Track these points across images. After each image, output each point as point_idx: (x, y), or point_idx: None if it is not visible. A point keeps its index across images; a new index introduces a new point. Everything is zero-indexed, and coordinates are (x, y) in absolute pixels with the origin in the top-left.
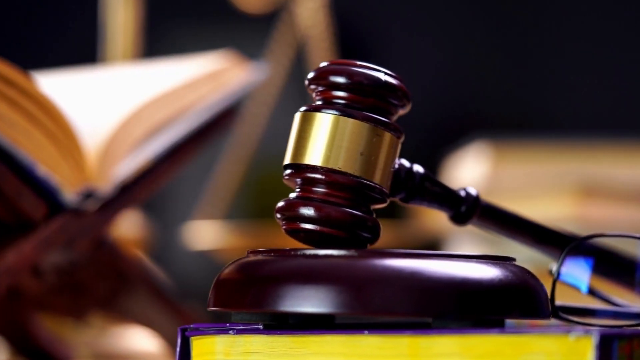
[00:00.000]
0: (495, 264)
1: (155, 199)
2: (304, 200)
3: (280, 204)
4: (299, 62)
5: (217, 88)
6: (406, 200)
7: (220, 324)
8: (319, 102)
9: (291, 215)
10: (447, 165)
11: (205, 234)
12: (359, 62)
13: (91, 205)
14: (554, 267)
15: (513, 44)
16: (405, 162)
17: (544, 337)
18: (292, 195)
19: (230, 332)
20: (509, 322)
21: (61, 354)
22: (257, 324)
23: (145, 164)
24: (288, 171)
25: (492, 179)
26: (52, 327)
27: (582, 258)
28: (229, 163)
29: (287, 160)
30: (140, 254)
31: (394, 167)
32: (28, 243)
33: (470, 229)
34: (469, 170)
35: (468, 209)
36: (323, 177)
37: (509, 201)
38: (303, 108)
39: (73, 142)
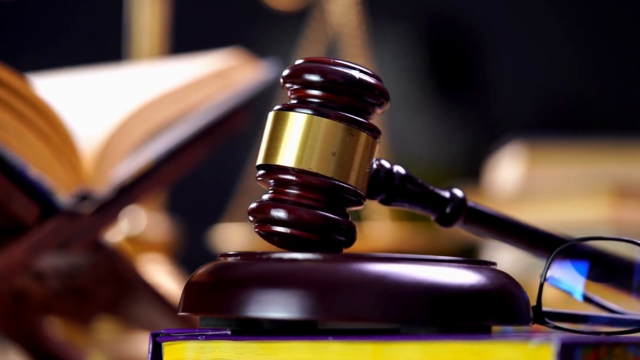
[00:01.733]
0: (471, 269)
1: (182, 202)
2: (275, 202)
3: (252, 205)
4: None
5: (224, 87)
6: (387, 201)
7: (190, 330)
8: (293, 101)
9: (263, 217)
10: (488, 166)
11: (233, 237)
12: (333, 60)
13: (87, 208)
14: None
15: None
16: (385, 163)
17: (505, 345)
18: (265, 196)
19: (200, 337)
20: (495, 328)
21: (73, 358)
22: (226, 330)
23: (146, 165)
24: (260, 172)
25: (527, 181)
26: (63, 332)
27: (576, 262)
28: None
29: (259, 160)
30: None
31: (370, 168)
32: (19, 246)
33: None
34: (506, 171)
35: (453, 211)
36: (295, 178)
37: (544, 203)
38: (276, 107)
39: (68, 143)
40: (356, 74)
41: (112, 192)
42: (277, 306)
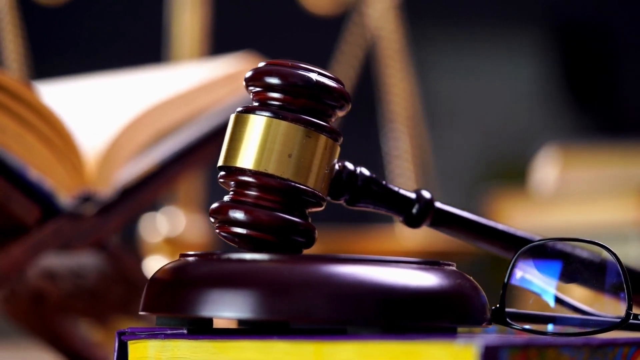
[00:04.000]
0: (423, 270)
1: None
2: (234, 203)
3: (213, 206)
4: (370, 63)
5: (235, 90)
6: (351, 202)
7: (152, 328)
8: (254, 104)
9: (223, 218)
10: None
11: None
12: (294, 63)
13: (89, 209)
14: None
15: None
16: (349, 165)
17: (434, 345)
18: (225, 198)
19: (160, 336)
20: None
21: (96, 356)
22: (183, 329)
23: (151, 168)
24: (221, 173)
25: (560, 182)
26: (86, 331)
27: (547, 262)
28: None
29: (219, 162)
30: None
31: (330, 170)
32: (18, 247)
33: (550, 231)
34: (541, 173)
35: (420, 212)
36: (253, 180)
37: (575, 204)
38: (238, 109)
39: (70, 146)
40: (314, 77)
41: (116, 194)
42: (226, 306)
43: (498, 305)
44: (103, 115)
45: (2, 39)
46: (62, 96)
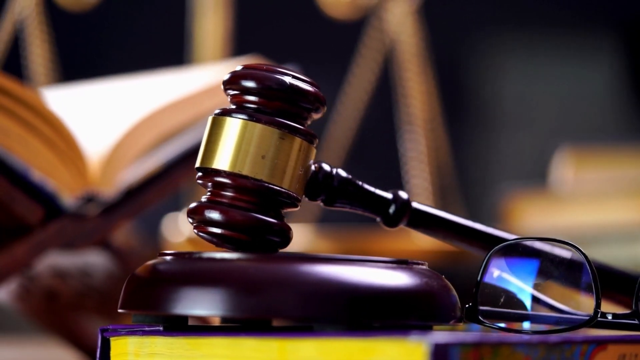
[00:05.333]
0: (392, 269)
1: None
2: (211, 204)
3: (190, 206)
4: (388, 67)
5: None
6: (328, 203)
7: (132, 325)
8: (231, 106)
9: (199, 218)
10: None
11: (297, 238)
12: (268, 66)
13: (92, 210)
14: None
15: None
16: (326, 166)
17: (387, 343)
18: (202, 198)
19: (138, 333)
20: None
21: None
22: (159, 326)
23: (155, 170)
24: (198, 174)
25: (574, 183)
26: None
27: (520, 261)
28: None
29: (197, 164)
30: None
31: (305, 171)
32: (21, 246)
33: (565, 231)
34: (556, 174)
35: (397, 212)
36: (229, 181)
37: (589, 204)
38: (216, 111)
39: (73, 148)
40: (288, 80)
41: (120, 195)
42: (196, 304)
43: (471, 304)
44: (108, 117)
45: (30, 44)
46: (68, 100)
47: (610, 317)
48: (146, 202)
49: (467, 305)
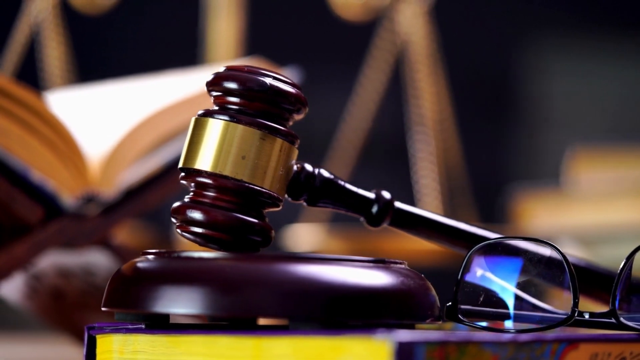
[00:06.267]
0: (370, 268)
1: None
2: (193, 204)
3: (174, 206)
4: (399, 68)
5: None
6: (311, 202)
7: (117, 323)
8: (214, 108)
9: (182, 218)
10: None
11: (309, 237)
12: (251, 68)
13: (92, 210)
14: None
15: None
16: (308, 166)
17: (355, 341)
18: (185, 198)
19: (122, 331)
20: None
21: None
22: (142, 324)
23: (155, 170)
24: (181, 174)
25: (580, 183)
26: None
27: (502, 259)
28: (334, 167)
29: (180, 164)
30: None
31: (286, 171)
32: (20, 245)
33: (575, 231)
34: (567, 174)
35: (379, 211)
36: (210, 181)
37: (593, 204)
38: (199, 112)
39: (73, 148)
40: (268, 81)
41: (120, 195)
42: (175, 302)
43: (451, 303)
44: (110, 119)
45: (46, 47)
46: (70, 102)
47: (587, 316)
48: (146, 203)
49: (447, 304)
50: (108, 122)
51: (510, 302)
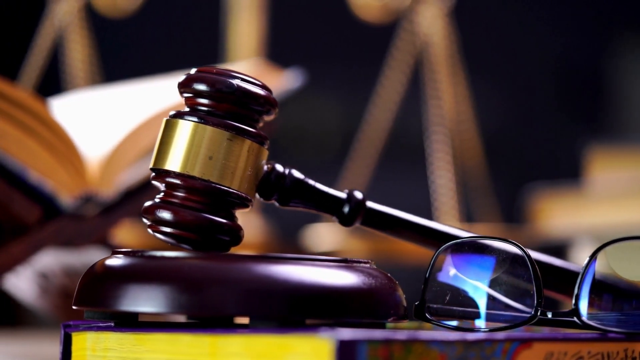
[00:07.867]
0: (334, 267)
1: None
2: (162, 204)
3: (145, 205)
4: (419, 69)
5: None
6: (281, 202)
7: (90, 321)
8: (185, 109)
9: (152, 218)
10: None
11: (327, 237)
12: (220, 70)
13: (91, 210)
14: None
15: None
16: (279, 167)
17: (301, 339)
18: (156, 199)
19: (94, 329)
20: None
21: None
22: (111, 322)
23: None
24: (152, 175)
25: (593, 182)
26: None
27: (468, 258)
28: (355, 166)
29: (150, 165)
30: None
31: (255, 172)
32: (18, 245)
33: (593, 232)
34: (584, 174)
35: (351, 211)
36: (179, 182)
37: (606, 204)
38: (170, 113)
39: (71, 149)
40: (236, 83)
41: (118, 196)
42: (141, 301)
43: (419, 302)
44: (110, 120)
45: (70, 50)
46: (72, 104)
47: (550, 315)
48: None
49: (415, 303)
50: (109, 123)
51: (479, 301)
